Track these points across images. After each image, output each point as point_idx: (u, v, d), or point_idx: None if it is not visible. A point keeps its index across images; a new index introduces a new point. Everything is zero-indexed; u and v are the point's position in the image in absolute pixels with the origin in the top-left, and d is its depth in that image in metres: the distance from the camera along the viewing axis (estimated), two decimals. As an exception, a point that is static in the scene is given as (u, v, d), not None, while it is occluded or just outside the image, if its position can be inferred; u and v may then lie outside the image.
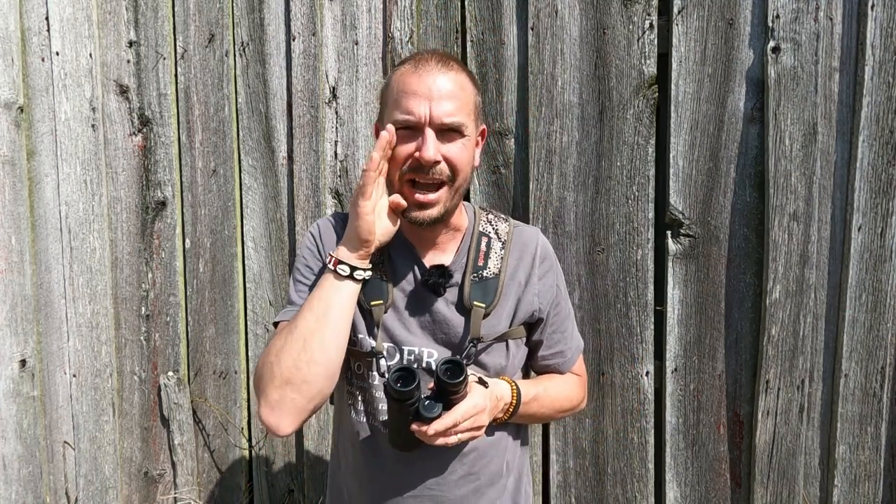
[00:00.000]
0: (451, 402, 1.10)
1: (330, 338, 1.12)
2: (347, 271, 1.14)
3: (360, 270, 1.15)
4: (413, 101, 1.12)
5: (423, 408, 1.09)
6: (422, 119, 1.12)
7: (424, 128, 1.12)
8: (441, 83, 1.13)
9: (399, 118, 1.13)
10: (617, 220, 1.99)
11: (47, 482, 2.22)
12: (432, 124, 1.12)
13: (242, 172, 2.16)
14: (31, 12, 2.12)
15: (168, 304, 2.22)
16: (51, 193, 2.17)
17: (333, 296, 1.14)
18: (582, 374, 1.44)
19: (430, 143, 1.12)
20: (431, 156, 1.12)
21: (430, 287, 1.22)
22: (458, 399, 1.10)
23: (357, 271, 1.15)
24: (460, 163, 1.16)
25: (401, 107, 1.14)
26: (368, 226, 1.13)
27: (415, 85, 1.13)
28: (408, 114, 1.12)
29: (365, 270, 1.16)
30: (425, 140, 1.12)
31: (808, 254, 1.93)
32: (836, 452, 1.98)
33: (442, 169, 1.14)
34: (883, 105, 1.87)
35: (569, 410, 1.40)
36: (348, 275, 1.14)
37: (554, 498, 2.09)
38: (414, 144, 1.13)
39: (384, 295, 1.22)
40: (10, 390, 2.10)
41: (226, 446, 2.25)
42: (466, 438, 1.12)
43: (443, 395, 1.10)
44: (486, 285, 1.23)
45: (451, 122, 1.13)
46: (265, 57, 2.11)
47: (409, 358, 1.23)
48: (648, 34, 1.94)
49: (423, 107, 1.12)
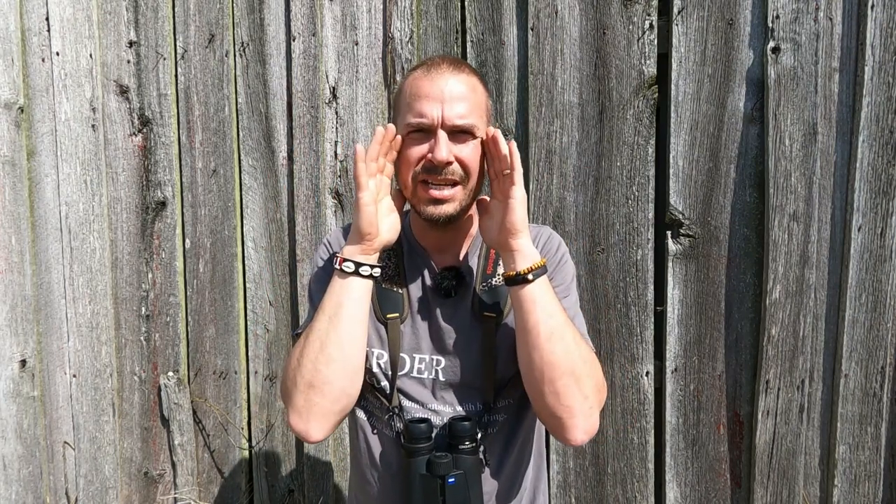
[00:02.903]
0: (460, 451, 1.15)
1: (345, 335, 1.13)
2: (352, 268, 1.14)
3: (366, 266, 1.14)
4: (425, 103, 1.14)
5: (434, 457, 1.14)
6: (434, 121, 1.13)
7: (437, 130, 1.14)
8: (453, 86, 1.14)
9: (412, 121, 1.15)
10: (617, 220, 1.99)
11: (47, 482, 2.22)
12: (444, 126, 1.14)
13: (242, 172, 2.16)
14: (31, 12, 2.12)
15: (168, 305, 2.22)
16: (51, 194, 2.17)
17: (342, 294, 1.14)
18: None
19: (442, 144, 1.13)
20: (444, 156, 1.13)
21: (443, 290, 1.23)
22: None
23: (362, 267, 1.14)
24: (472, 163, 1.17)
25: (413, 110, 1.15)
26: (368, 217, 1.13)
27: (427, 88, 1.14)
28: (420, 117, 1.14)
29: (372, 267, 1.15)
30: (438, 141, 1.13)
31: (808, 254, 1.93)
32: (836, 452, 1.98)
33: (454, 169, 1.15)
34: (883, 105, 1.87)
35: (586, 379, 1.12)
36: (353, 271, 1.14)
37: (554, 498, 2.09)
38: (427, 146, 1.15)
39: (399, 307, 1.24)
40: (10, 390, 2.10)
41: (226, 446, 2.25)
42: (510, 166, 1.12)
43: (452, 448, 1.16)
44: (496, 293, 1.23)
45: (463, 124, 1.15)
46: (265, 57, 2.11)
47: (420, 366, 1.23)
48: (648, 34, 1.94)
49: (436, 109, 1.13)
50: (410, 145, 1.16)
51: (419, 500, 1.14)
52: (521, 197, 1.12)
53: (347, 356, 1.13)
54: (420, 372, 1.22)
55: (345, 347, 1.13)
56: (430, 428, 1.16)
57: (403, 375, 1.23)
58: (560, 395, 1.10)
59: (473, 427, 1.16)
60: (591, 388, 1.13)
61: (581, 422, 1.11)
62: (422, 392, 1.22)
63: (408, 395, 1.23)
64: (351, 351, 1.14)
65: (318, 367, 1.12)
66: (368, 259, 1.16)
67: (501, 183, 1.15)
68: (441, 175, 1.15)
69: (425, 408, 1.22)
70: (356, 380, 1.16)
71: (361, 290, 1.15)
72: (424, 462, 1.14)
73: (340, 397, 1.14)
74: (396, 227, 1.20)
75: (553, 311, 1.12)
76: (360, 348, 1.15)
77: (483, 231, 1.21)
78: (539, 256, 1.14)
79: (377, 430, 1.26)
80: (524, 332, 1.12)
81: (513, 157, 1.11)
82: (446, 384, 1.22)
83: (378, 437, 1.25)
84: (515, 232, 1.13)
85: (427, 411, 1.22)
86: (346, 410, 1.17)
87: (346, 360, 1.13)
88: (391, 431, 1.22)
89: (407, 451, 1.16)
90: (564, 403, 1.10)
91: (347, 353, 1.13)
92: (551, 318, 1.11)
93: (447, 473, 1.12)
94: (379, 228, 1.16)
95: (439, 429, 1.19)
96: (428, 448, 1.15)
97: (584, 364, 1.12)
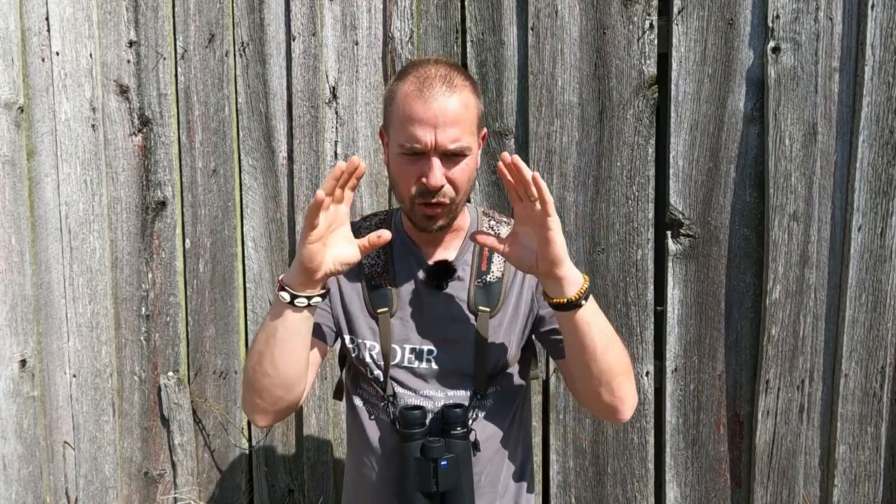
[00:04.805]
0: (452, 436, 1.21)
1: (278, 357, 1.16)
2: (287, 298, 1.12)
3: (302, 298, 1.12)
4: (419, 129, 1.15)
5: (428, 442, 1.19)
6: (428, 146, 1.15)
7: (430, 155, 1.16)
8: (445, 109, 1.15)
9: (406, 145, 1.17)
10: (617, 220, 1.99)
11: (47, 482, 2.22)
12: (437, 151, 1.15)
13: (242, 172, 2.16)
14: (31, 12, 2.11)
15: (168, 304, 2.22)
16: (51, 193, 2.17)
17: (277, 320, 1.14)
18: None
19: (436, 170, 1.15)
20: (437, 182, 1.16)
21: (435, 283, 1.27)
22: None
23: (298, 299, 1.12)
24: (463, 182, 1.21)
25: (406, 132, 1.16)
26: (310, 254, 1.10)
27: (420, 112, 1.15)
28: (414, 142, 1.15)
29: (309, 298, 1.13)
30: (431, 168, 1.15)
31: (808, 254, 1.93)
32: (836, 452, 1.98)
33: (446, 192, 1.18)
34: (883, 105, 1.87)
35: (624, 371, 1.22)
36: (288, 302, 1.12)
37: (554, 498, 2.09)
38: (420, 168, 1.17)
39: (388, 302, 1.27)
40: (10, 390, 2.10)
41: (226, 446, 2.25)
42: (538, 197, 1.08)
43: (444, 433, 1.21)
44: (490, 289, 1.28)
45: (455, 148, 1.16)
46: (265, 57, 2.11)
47: (411, 356, 1.28)
48: (648, 34, 1.94)
49: (429, 135, 1.14)
50: (405, 163, 1.19)
51: (413, 482, 1.19)
52: (557, 226, 1.10)
53: (281, 374, 1.17)
54: (411, 362, 1.27)
55: (279, 367, 1.16)
56: (423, 414, 1.22)
57: (395, 366, 1.28)
58: (615, 391, 1.21)
59: (465, 414, 1.22)
60: (631, 369, 1.27)
61: (632, 401, 1.26)
62: (414, 381, 1.28)
63: (401, 384, 1.28)
64: (285, 370, 1.17)
65: (256, 377, 1.19)
66: (306, 291, 1.13)
67: (531, 212, 1.10)
68: (434, 198, 1.18)
69: (418, 394, 1.27)
70: (294, 389, 1.20)
71: (297, 319, 1.14)
72: (418, 446, 1.19)
73: (278, 402, 1.20)
74: (348, 259, 1.14)
75: (604, 326, 1.18)
76: (294, 366, 1.18)
77: (516, 260, 1.17)
78: (581, 277, 1.14)
79: (374, 416, 1.31)
80: (581, 350, 1.17)
81: (539, 185, 1.07)
82: (439, 373, 1.27)
83: (375, 422, 1.30)
84: (560, 262, 1.11)
85: (420, 397, 1.27)
86: (291, 408, 1.24)
87: (281, 376, 1.18)
88: (387, 416, 1.27)
89: (402, 437, 1.21)
90: (619, 395, 1.22)
91: (281, 372, 1.17)
92: (603, 332, 1.17)
93: (440, 457, 1.18)
94: (324, 261, 1.11)
95: (433, 414, 1.25)
96: (422, 433, 1.21)
97: (627, 356, 1.25)
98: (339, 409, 2.15)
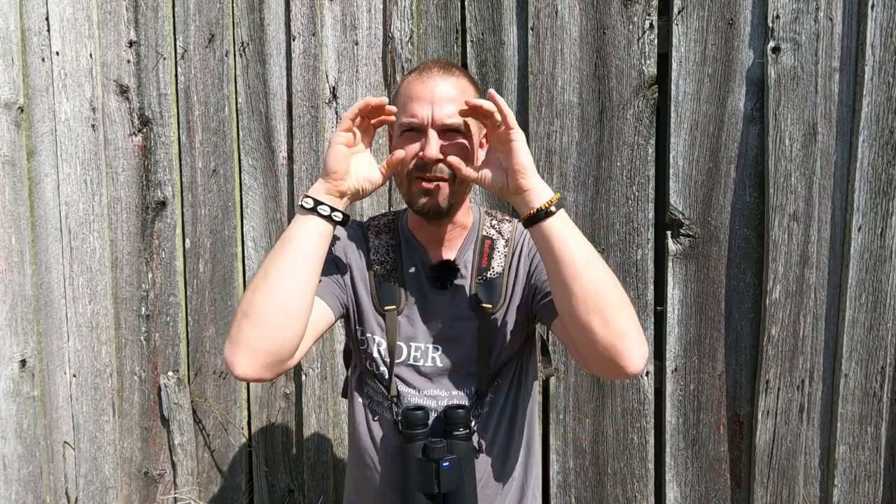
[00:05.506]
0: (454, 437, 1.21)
1: (288, 270, 1.11)
2: (311, 204, 1.14)
3: (325, 206, 1.14)
4: (417, 105, 1.20)
5: (430, 442, 1.19)
6: (424, 121, 1.19)
7: (427, 129, 1.19)
8: (442, 87, 1.20)
9: (404, 121, 1.21)
10: (617, 220, 1.99)
11: (47, 482, 2.22)
12: (434, 125, 1.19)
13: (242, 172, 2.16)
14: (31, 12, 2.12)
15: (168, 304, 2.22)
16: (51, 193, 2.17)
17: (295, 230, 1.14)
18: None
19: (432, 142, 1.19)
20: (434, 153, 1.18)
21: (438, 282, 1.28)
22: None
23: (321, 206, 1.14)
24: (458, 162, 1.21)
25: (406, 111, 1.21)
26: (337, 154, 1.14)
27: (418, 90, 1.21)
28: (412, 117, 1.20)
29: (332, 209, 1.14)
30: (428, 140, 1.19)
31: (808, 254, 1.93)
32: (836, 452, 1.98)
33: (443, 168, 1.20)
34: (883, 105, 1.87)
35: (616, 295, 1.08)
36: (311, 207, 1.14)
37: (554, 498, 2.09)
38: (419, 144, 1.20)
39: (396, 299, 1.29)
40: (10, 390, 2.10)
41: (226, 446, 2.25)
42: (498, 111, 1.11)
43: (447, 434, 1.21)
44: (491, 285, 1.29)
45: (452, 123, 1.20)
46: (265, 57, 2.11)
47: (416, 354, 1.29)
48: (648, 34, 1.94)
49: (426, 110, 1.19)
50: (404, 144, 1.22)
51: (416, 482, 1.20)
52: (521, 137, 1.13)
53: (287, 292, 1.10)
54: (416, 360, 1.29)
55: (285, 283, 1.10)
56: (426, 415, 1.23)
57: (401, 363, 1.29)
58: (611, 322, 1.05)
59: (467, 415, 1.23)
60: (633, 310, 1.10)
61: (637, 343, 1.06)
62: (418, 379, 1.29)
63: (405, 382, 1.29)
64: (291, 287, 1.10)
65: (255, 297, 1.10)
66: (331, 200, 1.15)
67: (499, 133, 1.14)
68: (431, 172, 1.20)
69: (421, 393, 1.28)
70: (294, 325, 1.11)
71: (316, 229, 1.14)
72: (421, 447, 1.20)
73: (273, 336, 1.09)
74: (371, 179, 1.19)
75: (583, 241, 1.11)
76: (302, 289, 1.12)
77: (492, 185, 1.18)
78: (551, 191, 1.13)
79: (378, 416, 1.32)
80: (560, 265, 1.08)
81: (498, 104, 1.10)
82: (442, 371, 1.28)
83: (379, 422, 1.31)
84: (524, 171, 1.12)
85: (423, 397, 1.28)
86: (280, 358, 1.11)
87: (286, 296, 1.10)
88: (391, 416, 1.28)
89: (404, 437, 1.22)
90: (616, 329, 1.05)
91: (287, 290, 1.10)
92: (585, 245, 1.10)
93: (442, 458, 1.18)
94: (348, 171, 1.16)
95: (436, 415, 1.26)
96: (424, 434, 1.21)
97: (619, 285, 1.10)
98: (340, 408, 2.15)
